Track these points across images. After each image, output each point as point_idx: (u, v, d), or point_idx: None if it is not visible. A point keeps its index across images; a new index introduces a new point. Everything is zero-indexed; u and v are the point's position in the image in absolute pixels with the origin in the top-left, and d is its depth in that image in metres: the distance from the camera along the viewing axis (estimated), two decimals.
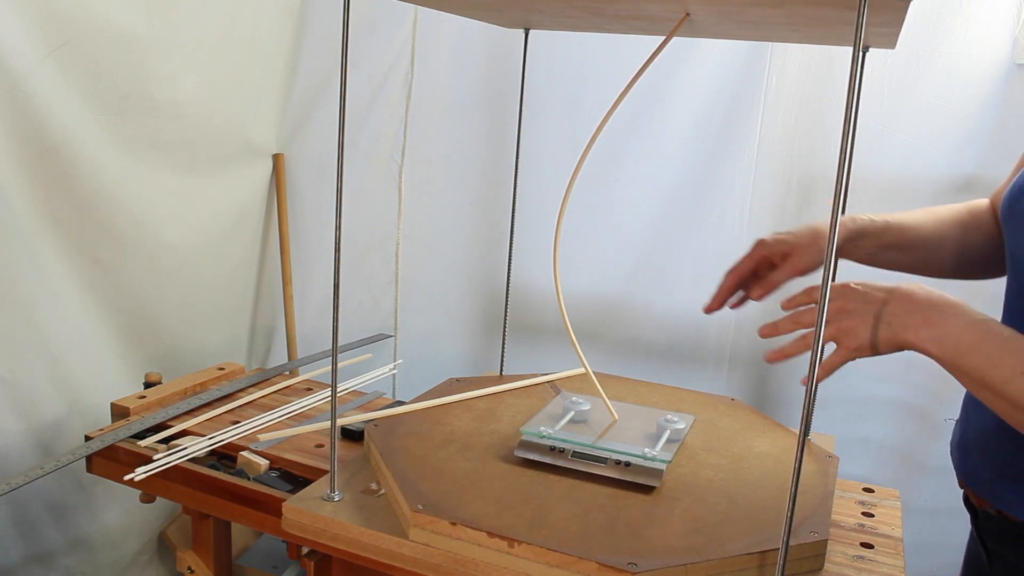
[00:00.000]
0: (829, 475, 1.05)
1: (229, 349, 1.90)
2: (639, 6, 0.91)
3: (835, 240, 0.69)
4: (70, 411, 1.48)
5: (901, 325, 0.79)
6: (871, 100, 1.59)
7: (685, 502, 0.96)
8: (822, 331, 0.71)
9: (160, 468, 1.14)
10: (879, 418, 1.74)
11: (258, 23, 1.77)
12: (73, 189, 1.43)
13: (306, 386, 1.47)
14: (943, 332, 0.77)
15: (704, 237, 1.79)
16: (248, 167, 1.87)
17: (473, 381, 1.33)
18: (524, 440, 1.04)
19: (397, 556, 0.90)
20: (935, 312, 0.78)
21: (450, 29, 1.85)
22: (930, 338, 0.77)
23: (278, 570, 1.59)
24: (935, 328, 0.77)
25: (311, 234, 2.00)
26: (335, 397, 0.96)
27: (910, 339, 0.79)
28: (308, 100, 1.93)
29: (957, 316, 0.77)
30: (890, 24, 0.85)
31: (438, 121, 1.92)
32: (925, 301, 0.79)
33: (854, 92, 0.67)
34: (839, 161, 0.67)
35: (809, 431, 1.17)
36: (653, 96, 1.74)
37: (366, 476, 1.03)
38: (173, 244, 1.66)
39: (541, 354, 1.92)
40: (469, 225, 1.97)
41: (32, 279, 1.39)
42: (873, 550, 0.97)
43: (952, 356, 0.77)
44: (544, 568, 0.84)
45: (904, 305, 0.79)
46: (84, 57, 1.39)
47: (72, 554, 1.53)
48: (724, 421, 1.21)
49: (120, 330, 1.58)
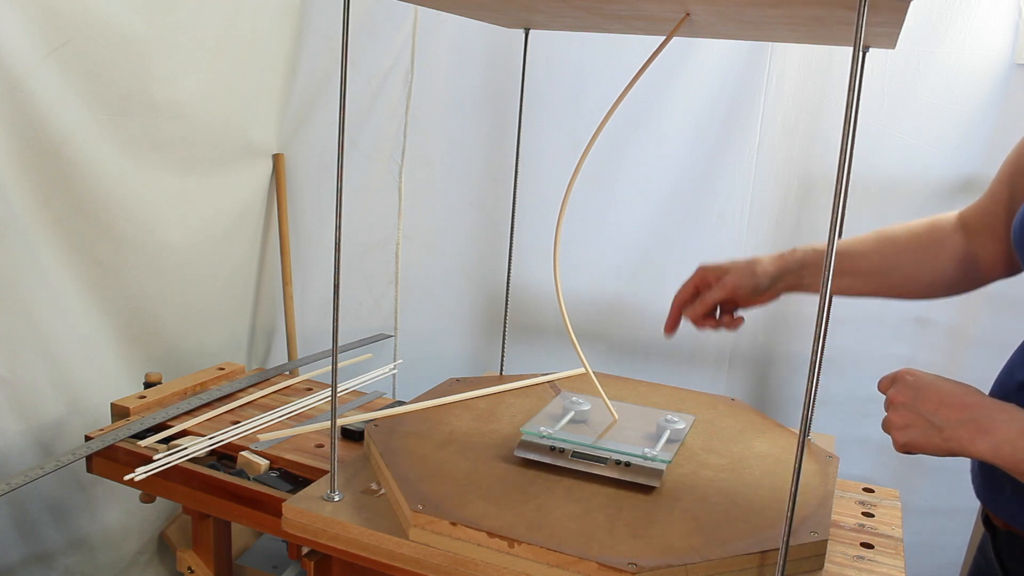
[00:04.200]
0: (829, 475, 1.05)
1: (229, 349, 1.90)
2: (639, 6, 0.91)
3: (835, 240, 0.69)
4: (70, 411, 1.48)
5: (955, 436, 0.78)
6: (871, 100, 1.59)
7: (685, 502, 0.96)
8: (822, 331, 0.71)
9: (160, 468, 1.14)
10: (879, 418, 1.73)
11: (258, 23, 1.77)
12: (73, 189, 1.43)
13: (306, 386, 1.47)
14: (998, 440, 0.76)
15: (704, 237, 1.79)
16: (248, 167, 1.87)
17: (473, 381, 1.33)
18: (524, 440, 1.05)
19: (397, 556, 0.90)
20: (987, 420, 0.77)
21: (450, 29, 1.85)
22: (986, 448, 0.77)
23: (278, 570, 1.59)
24: (989, 436, 0.76)
25: (311, 234, 2.00)
26: (335, 397, 0.96)
27: (966, 448, 0.78)
28: (308, 100, 1.93)
29: (1010, 422, 0.76)
30: (890, 24, 0.85)
31: (438, 121, 1.92)
32: (976, 408, 0.78)
33: (854, 92, 0.67)
34: (839, 161, 0.67)
35: (809, 431, 1.17)
36: (653, 96, 1.74)
37: (366, 476, 1.03)
38: (173, 244, 1.66)
39: (541, 354, 1.92)
40: (469, 225, 1.97)
41: (32, 279, 1.39)
42: (873, 550, 0.97)
43: (1012, 463, 0.76)
44: (544, 568, 0.84)
45: (956, 413, 0.78)
46: (84, 57, 1.39)
47: (72, 554, 1.53)
48: (724, 421, 1.21)
49: (120, 330, 1.58)
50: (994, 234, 0.99)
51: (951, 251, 1.03)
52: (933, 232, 1.04)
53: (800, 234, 1.74)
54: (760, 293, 1.07)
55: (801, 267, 1.06)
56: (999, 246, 0.99)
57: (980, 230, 1.01)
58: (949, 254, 1.03)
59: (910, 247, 1.04)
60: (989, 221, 1.00)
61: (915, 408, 0.81)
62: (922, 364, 1.69)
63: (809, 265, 1.05)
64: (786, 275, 1.06)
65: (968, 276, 1.03)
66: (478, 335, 2.02)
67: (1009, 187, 0.98)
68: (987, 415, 0.77)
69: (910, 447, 0.82)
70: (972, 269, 1.03)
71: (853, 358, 1.72)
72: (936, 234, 1.04)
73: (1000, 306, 1.56)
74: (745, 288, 1.06)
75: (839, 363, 1.72)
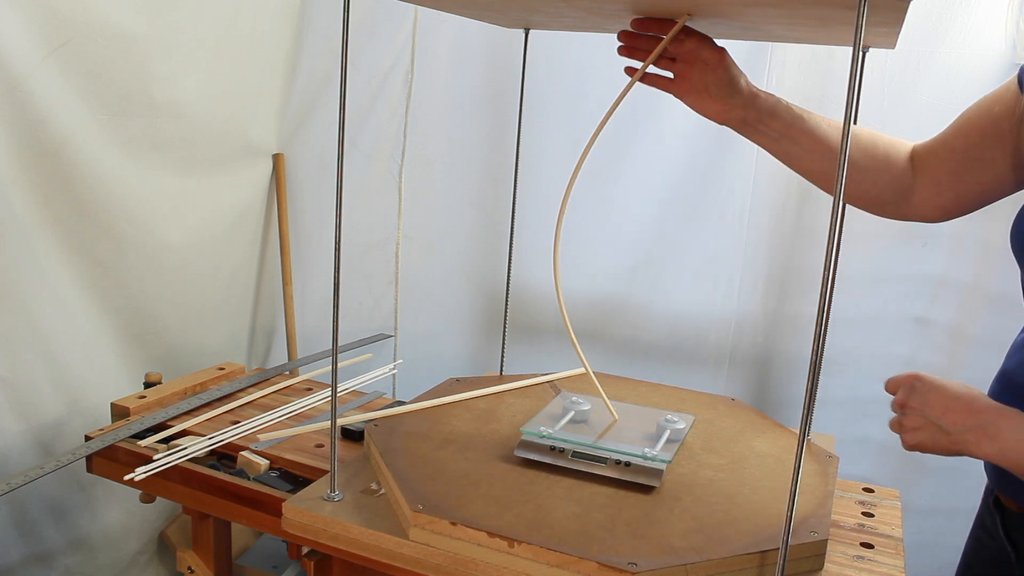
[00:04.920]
0: (829, 475, 1.05)
1: (229, 349, 1.90)
2: (639, 6, 0.91)
3: (835, 241, 0.69)
4: (70, 411, 1.48)
5: (962, 440, 0.81)
6: (871, 100, 1.59)
7: (685, 502, 0.96)
8: (822, 330, 0.71)
9: (160, 468, 1.14)
10: (879, 418, 1.73)
11: (258, 23, 1.77)
12: (73, 189, 1.43)
13: (306, 386, 1.47)
14: (1004, 446, 0.78)
15: (704, 237, 1.79)
16: (248, 167, 1.87)
17: (473, 381, 1.33)
18: (524, 440, 1.05)
19: (397, 556, 0.90)
20: (992, 427, 0.79)
21: (450, 29, 1.85)
22: (993, 452, 0.79)
23: (278, 570, 1.59)
24: (995, 442, 0.79)
25: (311, 234, 2.00)
26: (335, 397, 0.96)
27: (973, 452, 0.81)
28: (308, 100, 1.93)
29: (1015, 429, 0.79)
30: (890, 24, 0.85)
31: (438, 121, 1.92)
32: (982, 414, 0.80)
33: (854, 92, 0.67)
34: (839, 161, 0.67)
35: (809, 431, 1.17)
36: (653, 96, 1.74)
37: (366, 476, 1.03)
38: (173, 244, 1.66)
39: (541, 354, 1.92)
40: (469, 225, 1.97)
41: (32, 279, 1.39)
42: (873, 550, 0.97)
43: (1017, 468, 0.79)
44: (544, 568, 0.84)
45: (963, 419, 0.80)
46: (84, 57, 1.39)
47: (72, 554, 1.53)
48: (724, 421, 1.21)
49: (120, 330, 1.58)
50: (934, 177, 1.01)
51: (895, 175, 1.03)
52: (889, 150, 1.04)
53: (800, 234, 1.74)
54: (727, 90, 1.00)
55: (770, 116, 1.01)
56: (934, 189, 1.01)
57: (924, 168, 1.02)
58: (892, 176, 1.03)
59: (866, 151, 1.03)
60: (934, 164, 1.01)
61: (923, 413, 0.83)
62: (922, 364, 1.69)
63: (777, 117, 1.01)
64: (751, 115, 1.01)
65: (899, 206, 1.04)
66: (478, 335, 2.02)
67: (964, 139, 0.99)
68: (992, 421, 0.79)
69: (919, 448, 0.84)
70: (904, 201, 1.04)
71: (853, 358, 1.72)
72: (892, 154, 1.04)
73: (1000, 306, 1.56)
74: (725, 73, 0.99)
75: (839, 363, 1.72)
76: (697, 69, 1.00)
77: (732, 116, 1.02)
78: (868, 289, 1.70)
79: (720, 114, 1.02)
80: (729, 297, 1.79)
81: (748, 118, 1.02)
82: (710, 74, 0.99)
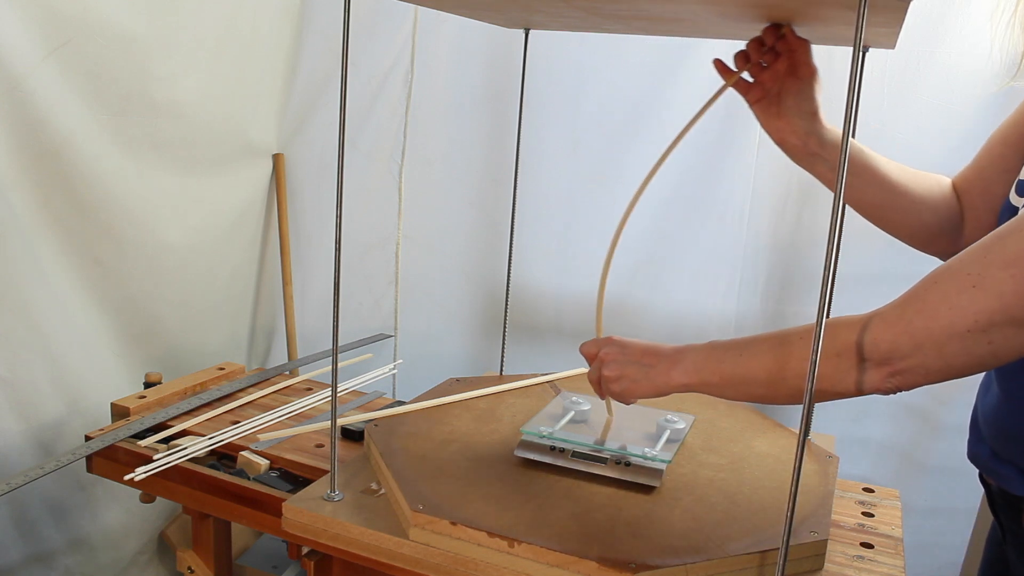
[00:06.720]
0: (829, 475, 1.05)
1: (229, 349, 1.90)
2: (639, 6, 0.91)
3: (835, 241, 0.69)
4: (70, 411, 1.48)
5: (657, 373, 0.89)
6: (871, 100, 1.58)
7: (685, 502, 0.96)
8: (821, 330, 0.71)
9: (160, 468, 1.14)
10: (879, 418, 1.74)
11: (258, 23, 1.77)
12: (73, 189, 1.43)
13: (306, 386, 1.47)
14: (687, 367, 0.86)
15: (704, 237, 1.78)
16: (248, 167, 1.87)
17: (473, 381, 1.33)
18: (524, 440, 1.05)
19: (397, 556, 0.90)
20: (678, 355, 0.88)
21: (450, 29, 1.85)
22: (680, 374, 0.87)
23: (278, 570, 1.59)
24: (680, 365, 0.87)
25: (311, 234, 2.00)
26: (335, 397, 0.96)
27: (667, 380, 0.88)
28: (308, 100, 1.93)
29: (693, 351, 0.87)
30: (890, 24, 0.85)
31: (438, 121, 1.92)
32: (673, 351, 0.90)
33: (854, 92, 0.67)
34: (839, 161, 0.67)
35: (809, 431, 1.17)
36: (653, 96, 1.74)
37: (366, 476, 1.03)
38: (173, 244, 1.66)
39: (541, 354, 1.92)
40: (469, 225, 1.96)
41: (32, 279, 1.39)
42: (873, 550, 0.97)
43: (698, 382, 0.86)
44: (544, 568, 0.84)
45: (656, 357, 0.90)
46: (84, 57, 1.39)
47: (72, 554, 1.53)
48: (724, 421, 1.21)
49: (120, 330, 1.58)
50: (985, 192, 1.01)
51: (949, 204, 1.05)
52: (935, 180, 1.06)
53: (800, 234, 1.73)
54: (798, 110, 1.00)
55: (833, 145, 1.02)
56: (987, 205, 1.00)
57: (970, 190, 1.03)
58: (947, 205, 1.05)
59: (919, 181, 1.05)
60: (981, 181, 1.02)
61: (624, 361, 0.92)
62: None
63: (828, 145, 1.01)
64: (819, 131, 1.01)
65: (954, 238, 1.05)
66: (478, 335, 2.02)
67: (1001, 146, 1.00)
68: (680, 352, 0.88)
69: (625, 394, 0.92)
70: (957, 232, 1.04)
71: None
72: (943, 183, 1.06)
73: None
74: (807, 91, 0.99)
75: None
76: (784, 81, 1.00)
77: (792, 139, 1.03)
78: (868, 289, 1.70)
79: (780, 131, 1.03)
80: (729, 297, 1.79)
81: (809, 145, 1.02)
82: (792, 88, 0.99)
